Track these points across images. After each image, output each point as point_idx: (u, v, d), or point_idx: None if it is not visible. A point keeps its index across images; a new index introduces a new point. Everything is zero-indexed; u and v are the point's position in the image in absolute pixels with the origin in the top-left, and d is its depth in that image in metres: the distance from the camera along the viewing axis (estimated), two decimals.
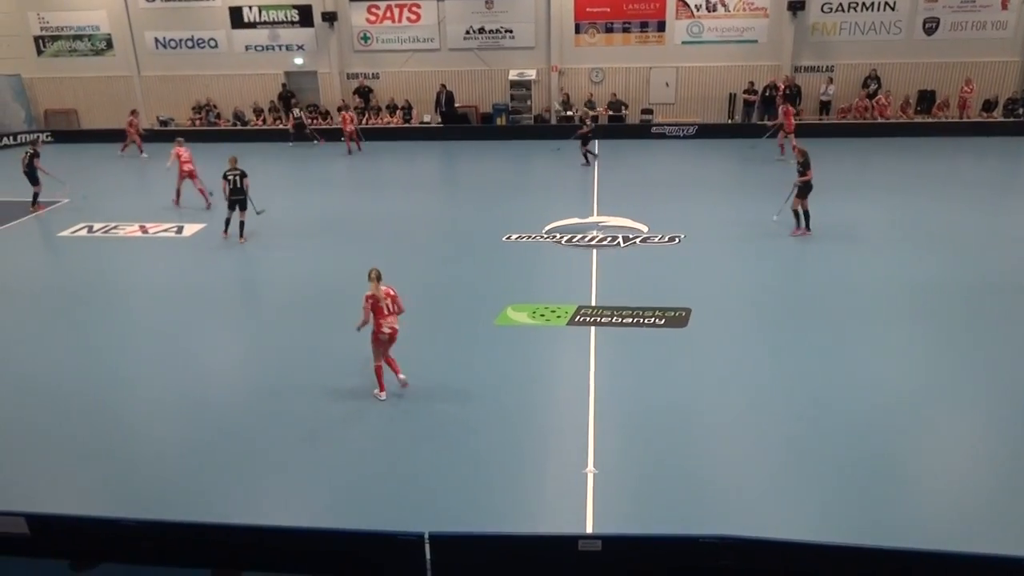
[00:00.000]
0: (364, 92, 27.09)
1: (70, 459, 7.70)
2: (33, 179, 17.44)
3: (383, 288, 8.47)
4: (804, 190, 14.04)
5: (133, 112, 25.45)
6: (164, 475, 7.36)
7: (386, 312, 8.47)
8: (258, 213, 14.91)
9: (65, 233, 15.83)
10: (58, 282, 13.01)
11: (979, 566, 5.42)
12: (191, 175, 17.42)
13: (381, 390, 8.67)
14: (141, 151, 24.54)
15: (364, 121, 26.78)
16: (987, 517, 6.51)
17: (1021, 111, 24.33)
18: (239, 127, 27.38)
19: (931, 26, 24.78)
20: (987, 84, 24.90)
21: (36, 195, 17.67)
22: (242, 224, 14.68)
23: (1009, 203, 17.40)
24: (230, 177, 14.35)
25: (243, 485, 7.19)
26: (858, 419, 7.91)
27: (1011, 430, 7.77)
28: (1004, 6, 24.19)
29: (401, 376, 8.78)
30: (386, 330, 8.50)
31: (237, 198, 14.46)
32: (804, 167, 13.93)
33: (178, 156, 17.52)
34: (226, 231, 14.84)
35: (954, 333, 10.02)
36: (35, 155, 17.52)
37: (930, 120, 24.80)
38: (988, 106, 24.70)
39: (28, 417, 8.50)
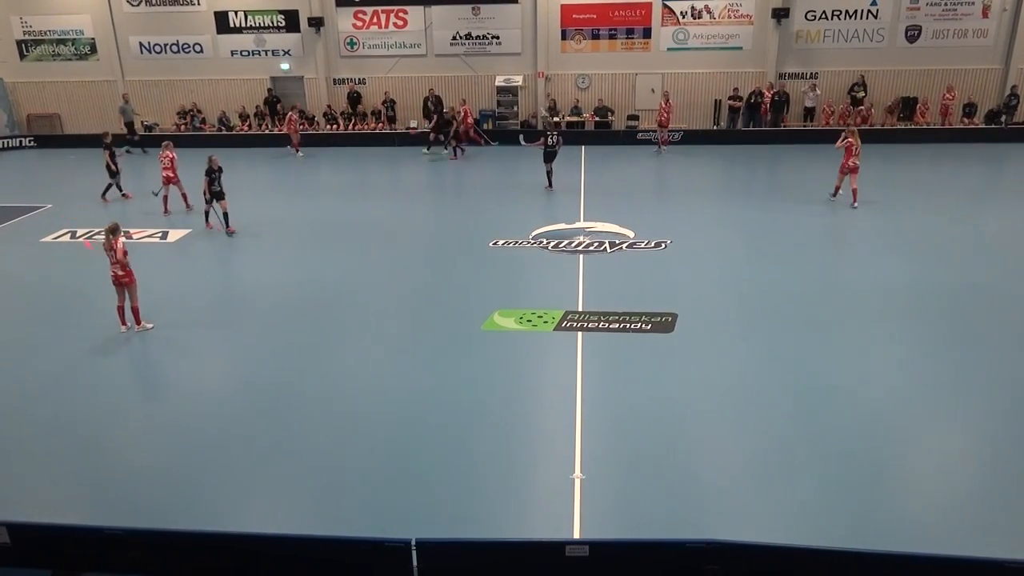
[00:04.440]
0: (354, 97, 27.04)
1: (51, 468, 7.62)
2: (111, 171, 18.47)
3: (114, 241, 10.24)
4: (546, 156, 18.56)
5: (293, 108, 25.48)
6: (146, 483, 7.30)
7: (112, 261, 10.31)
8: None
9: (48, 239, 15.68)
10: (37, 287, 12.86)
11: (963, 569, 5.46)
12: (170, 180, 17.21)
13: (123, 325, 10.62)
14: (297, 149, 24.64)
15: (351, 126, 26.77)
16: (972, 520, 6.56)
17: (1003, 119, 24.61)
18: (224, 132, 27.23)
19: (913, 34, 25.04)
20: (969, 91, 25.17)
21: (108, 187, 18.69)
22: (226, 215, 15.75)
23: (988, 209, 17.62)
24: (214, 175, 15.51)
25: (228, 492, 7.14)
26: (844, 422, 7.97)
27: (995, 431, 7.85)
28: (985, 14, 24.48)
29: (138, 328, 10.65)
30: (110, 274, 10.40)
31: (216, 191, 15.62)
32: (543, 136, 18.54)
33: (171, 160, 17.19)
34: (208, 222, 16.05)
35: (937, 336, 10.12)
36: (108, 148, 18.42)
37: (912, 127, 25.06)
38: (969, 111, 24.97)
39: (5, 425, 8.40)
